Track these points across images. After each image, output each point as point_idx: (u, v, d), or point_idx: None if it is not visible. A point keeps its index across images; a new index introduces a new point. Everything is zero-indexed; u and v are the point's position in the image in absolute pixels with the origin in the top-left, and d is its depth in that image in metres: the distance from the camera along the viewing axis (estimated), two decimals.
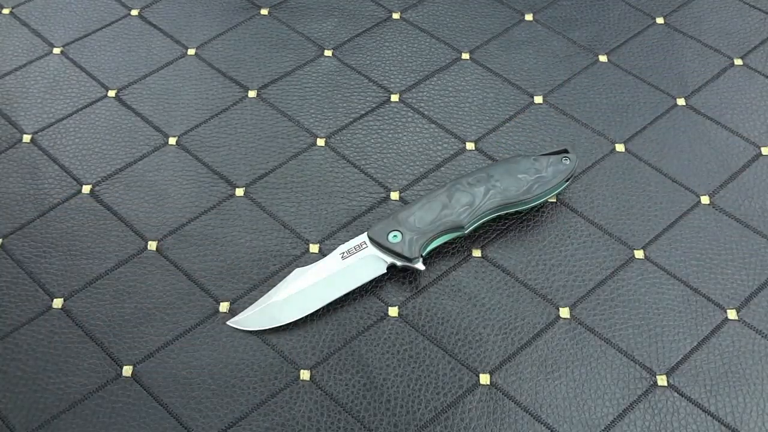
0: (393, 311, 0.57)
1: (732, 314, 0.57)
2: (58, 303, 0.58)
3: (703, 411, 0.53)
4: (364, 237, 0.58)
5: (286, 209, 0.62)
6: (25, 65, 0.71)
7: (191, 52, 0.72)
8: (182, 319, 0.57)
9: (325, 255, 0.59)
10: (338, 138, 0.66)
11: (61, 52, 0.72)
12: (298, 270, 0.58)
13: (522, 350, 0.56)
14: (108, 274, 0.59)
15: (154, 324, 0.57)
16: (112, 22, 0.74)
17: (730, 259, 0.60)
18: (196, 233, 0.61)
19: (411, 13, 0.75)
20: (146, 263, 0.60)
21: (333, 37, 0.73)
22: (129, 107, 0.68)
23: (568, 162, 0.61)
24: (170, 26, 0.74)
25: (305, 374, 0.55)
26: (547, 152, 0.61)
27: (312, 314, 0.57)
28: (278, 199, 0.63)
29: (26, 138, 0.67)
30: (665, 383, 0.54)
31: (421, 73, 0.70)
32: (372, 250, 0.58)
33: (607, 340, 0.56)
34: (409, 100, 0.69)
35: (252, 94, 0.69)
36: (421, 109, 0.68)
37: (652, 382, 0.54)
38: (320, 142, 0.66)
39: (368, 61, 0.71)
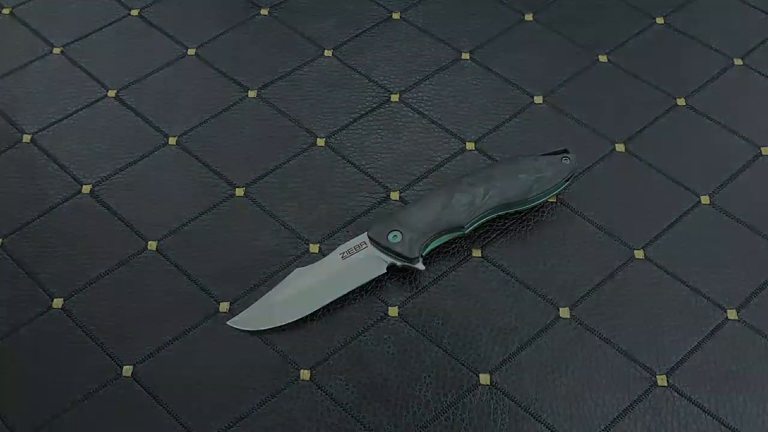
0: (393, 311, 0.57)
1: (732, 314, 0.57)
2: (58, 303, 0.58)
3: (703, 411, 0.53)
4: (364, 237, 0.58)
5: (286, 209, 0.62)
6: (25, 65, 0.71)
7: (191, 52, 0.72)
8: (182, 319, 0.57)
9: (325, 255, 0.59)
10: (338, 138, 0.66)
11: (61, 52, 0.72)
12: (298, 270, 0.58)
13: (522, 350, 0.56)
14: (108, 274, 0.59)
15: (154, 324, 0.57)
16: (112, 22, 0.74)
17: (730, 259, 0.60)
18: (196, 233, 0.61)
19: (411, 13, 0.75)
20: (146, 263, 0.60)
21: (333, 37, 0.73)
22: (129, 107, 0.68)
23: (568, 162, 0.61)
24: (170, 26, 0.74)
25: (305, 374, 0.55)
26: (547, 152, 0.61)
27: (312, 314, 0.57)
28: (278, 199, 0.63)
29: (26, 138, 0.66)
30: (665, 383, 0.54)
31: (421, 73, 0.70)
32: (372, 250, 0.58)
33: (607, 340, 0.56)
34: (409, 100, 0.69)
35: (252, 94, 0.69)
36: (421, 109, 0.68)
37: (652, 382, 0.54)
38: (320, 142, 0.66)
39: (368, 61, 0.71)
